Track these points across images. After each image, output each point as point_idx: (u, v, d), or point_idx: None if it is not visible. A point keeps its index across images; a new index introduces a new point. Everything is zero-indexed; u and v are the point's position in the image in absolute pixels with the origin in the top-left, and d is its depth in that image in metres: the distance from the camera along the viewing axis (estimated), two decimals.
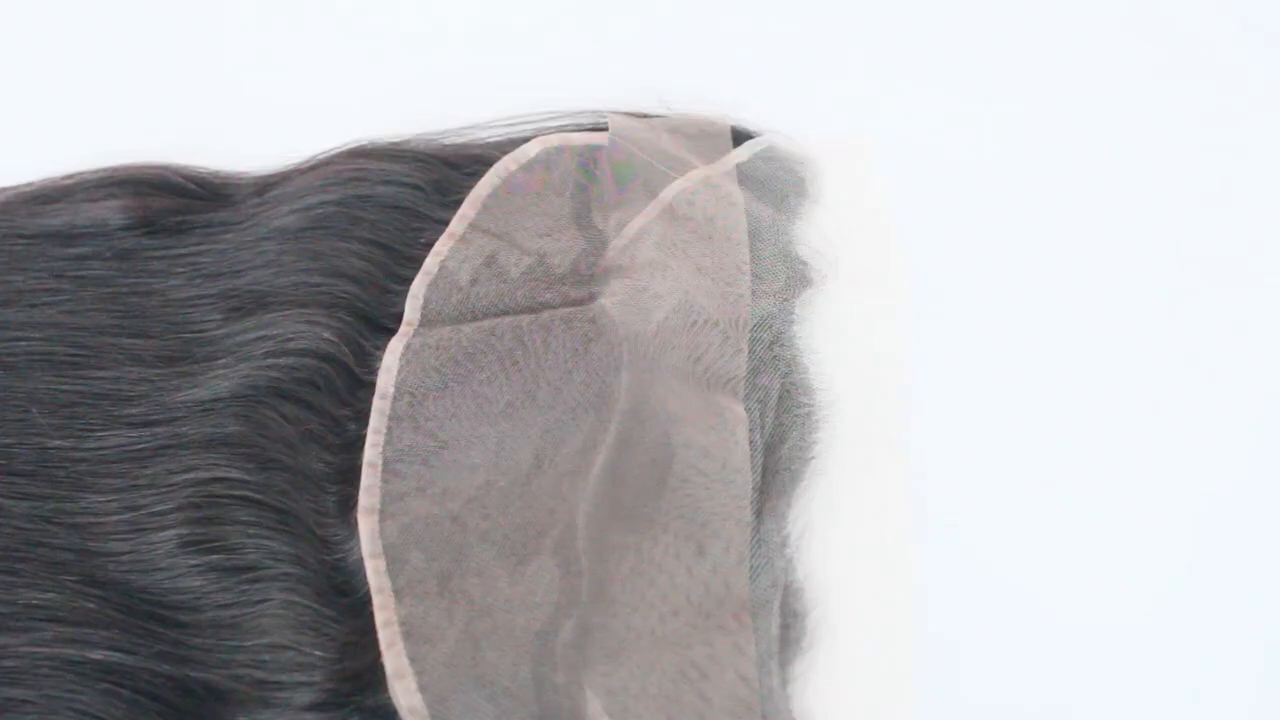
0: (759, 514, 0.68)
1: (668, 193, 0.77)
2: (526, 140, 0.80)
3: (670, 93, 0.84)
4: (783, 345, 0.74)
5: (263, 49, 0.91)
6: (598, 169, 0.79)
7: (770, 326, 0.74)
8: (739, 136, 0.82)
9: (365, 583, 0.66)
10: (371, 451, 0.69)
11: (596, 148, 0.80)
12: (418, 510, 0.68)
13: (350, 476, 0.70)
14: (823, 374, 0.74)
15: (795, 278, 0.77)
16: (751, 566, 0.66)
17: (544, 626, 0.64)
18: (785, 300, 0.75)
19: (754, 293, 0.74)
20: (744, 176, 0.79)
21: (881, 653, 0.68)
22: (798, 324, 0.75)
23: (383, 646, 0.64)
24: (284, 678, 0.65)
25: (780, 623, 0.66)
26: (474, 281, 0.75)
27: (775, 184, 0.80)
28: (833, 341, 0.76)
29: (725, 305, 0.73)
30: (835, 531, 0.70)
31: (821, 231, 0.78)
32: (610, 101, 0.83)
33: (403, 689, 0.63)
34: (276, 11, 0.93)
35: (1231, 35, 0.90)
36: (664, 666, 0.63)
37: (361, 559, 0.67)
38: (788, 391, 0.73)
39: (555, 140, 0.80)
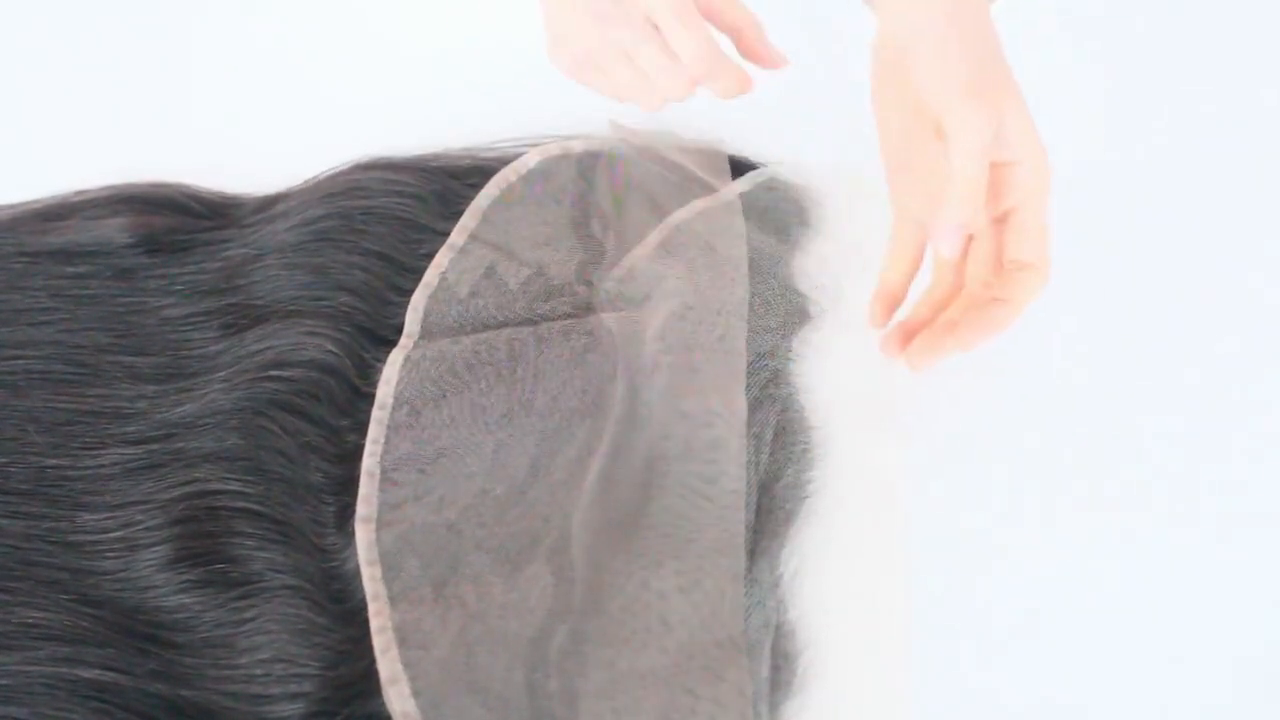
0: (752, 553, 0.67)
1: (670, 221, 0.77)
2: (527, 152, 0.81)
3: (671, 118, 0.83)
4: (779, 383, 0.73)
5: (272, 70, 0.92)
6: (596, 176, 0.79)
7: (768, 364, 0.73)
8: (740, 167, 0.81)
9: (361, 590, 0.66)
10: (369, 460, 0.69)
11: (596, 154, 0.80)
12: (414, 518, 0.67)
13: (349, 487, 0.69)
14: (818, 412, 0.73)
15: (794, 313, 0.76)
16: (744, 606, 0.66)
17: (537, 633, 0.64)
18: (783, 337, 0.75)
19: (752, 328, 0.73)
20: (747, 207, 0.79)
21: (873, 696, 0.66)
22: (795, 361, 0.74)
23: (377, 652, 0.63)
24: (277, 690, 0.64)
25: (771, 664, 0.65)
26: (473, 294, 0.75)
27: (777, 214, 0.79)
28: (829, 380, 0.75)
29: (723, 343, 0.73)
30: (828, 573, 0.69)
31: (823, 265, 0.77)
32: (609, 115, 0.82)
33: (396, 694, 0.62)
34: (288, 34, 0.94)
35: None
36: (654, 705, 0.62)
37: (358, 567, 0.66)
38: (783, 429, 0.72)
39: (555, 149, 0.80)
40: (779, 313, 0.75)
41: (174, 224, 0.79)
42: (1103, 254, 0.81)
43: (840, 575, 0.69)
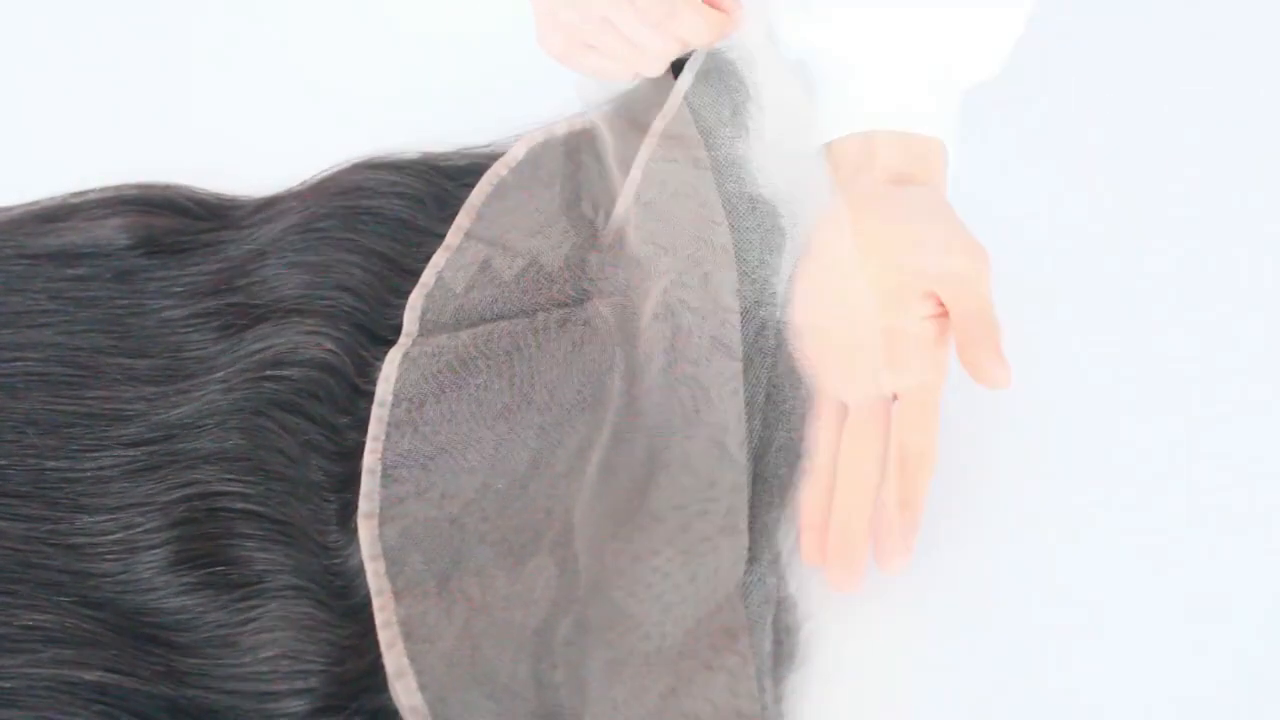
0: (750, 529, 0.67)
1: (635, 171, 0.76)
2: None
3: None
4: (767, 334, 0.72)
5: (272, 71, 0.91)
6: (583, 154, 0.79)
7: (755, 314, 0.72)
8: (675, 67, 0.79)
9: (365, 586, 0.66)
10: (370, 457, 0.69)
11: (579, 133, 0.79)
12: (417, 513, 0.67)
13: (350, 484, 0.69)
14: (808, 361, 0.71)
15: (770, 234, 0.75)
16: (744, 583, 0.65)
17: (541, 623, 0.64)
18: (766, 280, 0.73)
19: (738, 275, 0.73)
20: (694, 108, 0.77)
21: (874, 667, 0.66)
22: (781, 306, 0.73)
23: (383, 647, 0.63)
24: (283, 687, 0.64)
25: (773, 639, 0.65)
26: (469, 288, 0.75)
27: (724, 97, 0.77)
28: (815, 321, 0.73)
29: (711, 303, 0.72)
30: None
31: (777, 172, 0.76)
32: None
33: (403, 688, 0.62)
34: (288, 35, 0.93)
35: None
36: (660, 687, 0.62)
37: (361, 563, 0.66)
38: (775, 386, 0.71)
39: (539, 136, 0.80)
40: (754, 245, 0.74)
41: (173, 225, 0.79)
42: (1100, 254, 0.81)
43: None
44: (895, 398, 0.68)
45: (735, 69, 0.77)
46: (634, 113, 0.79)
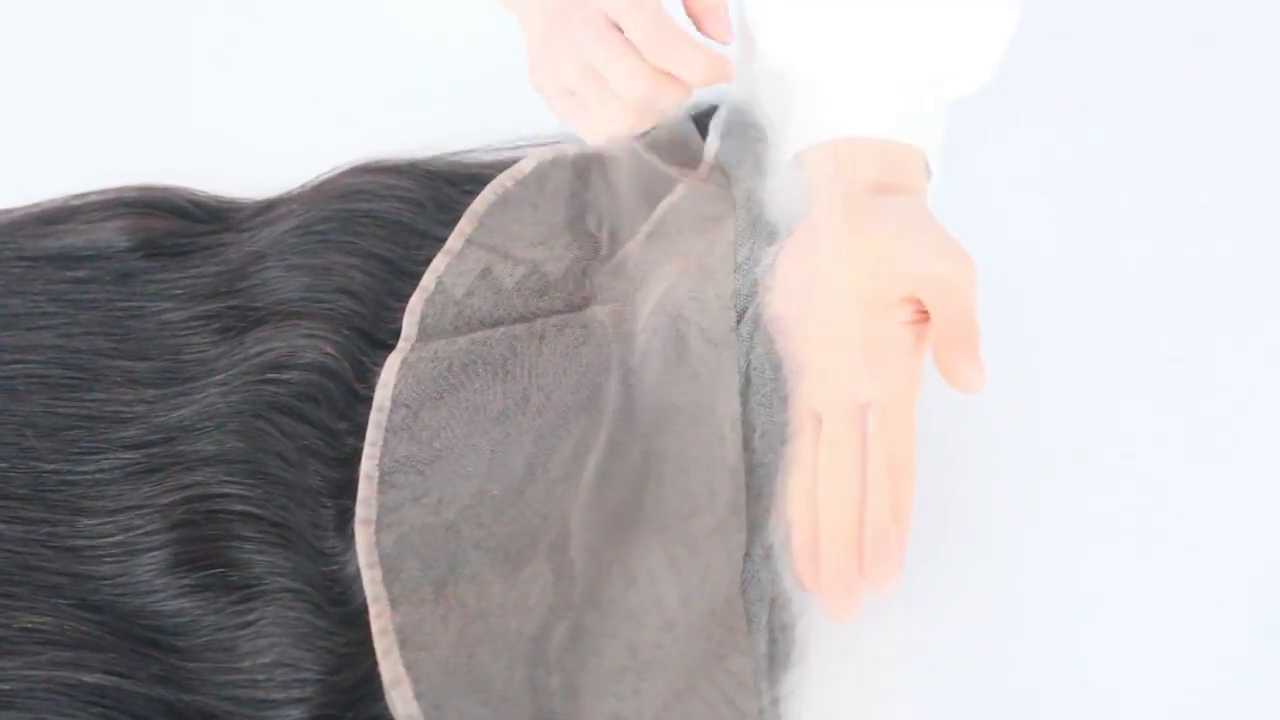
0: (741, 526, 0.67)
1: (661, 206, 0.76)
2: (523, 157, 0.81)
3: None
4: (747, 322, 0.72)
5: (273, 73, 0.92)
6: (591, 175, 0.79)
7: (735, 302, 0.72)
8: (701, 120, 0.80)
9: (361, 593, 0.66)
10: (368, 463, 0.69)
11: (590, 156, 0.79)
12: (413, 520, 0.68)
13: (348, 490, 0.69)
14: (788, 344, 0.70)
15: (761, 240, 0.74)
16: (739, 582, 0.66)
17: (538, 630, 0.64)
18: (750, 270, 0.73)
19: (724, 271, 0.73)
20: (719, 164, 0.78)
21: (869, 665, 0.67)
22: (762, 292, 0.71)
23: (379, 655, 0.63)
24: (280, 696, 0.64)
25: (768, 638, 0.65)
26: (469, 294, 0.75)
27: (746, 148, 0.78)
28: (794, 301, 0.71)
29: (709, 307, 0.72)
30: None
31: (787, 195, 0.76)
32: None
33: (399, 696, 0.62)
34: (288, 36, 0.94)
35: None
36: (658, 692, 0.62)
37: (358, 569, 0.66)
38: (754, 369, 0.71)
39: (549, 153, 0.80)
40: (745, 245, 0.74)
41: (173, 228, 0.79)
42: (1087, 257, 0.81)
43: None
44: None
45: (753, 117, 0.77)
46: (656, 145, 0.79)
